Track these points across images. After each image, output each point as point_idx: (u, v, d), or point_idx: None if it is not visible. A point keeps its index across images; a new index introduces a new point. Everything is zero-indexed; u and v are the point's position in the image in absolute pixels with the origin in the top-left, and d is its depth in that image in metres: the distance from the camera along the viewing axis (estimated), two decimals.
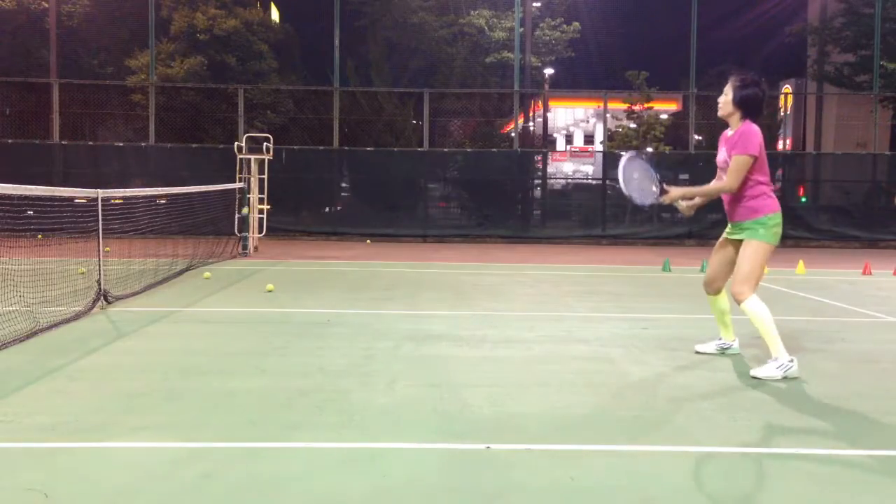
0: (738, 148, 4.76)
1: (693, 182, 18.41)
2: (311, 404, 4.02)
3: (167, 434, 3.52)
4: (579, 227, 18.55)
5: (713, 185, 5.03)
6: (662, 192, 5.01)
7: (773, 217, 4.81)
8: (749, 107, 4.83)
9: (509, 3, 20.36)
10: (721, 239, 5.19)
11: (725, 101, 4.90)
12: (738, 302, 4.83)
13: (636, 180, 5.10)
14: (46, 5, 19.21)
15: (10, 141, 17.83)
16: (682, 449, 3.44)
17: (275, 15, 26.66)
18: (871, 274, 11.19)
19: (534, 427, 3.71)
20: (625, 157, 5.14)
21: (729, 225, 5.08)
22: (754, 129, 4.79)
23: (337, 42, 18.44)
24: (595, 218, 18.65)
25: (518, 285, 9.41)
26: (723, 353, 5.41)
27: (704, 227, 17.91)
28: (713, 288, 5.24)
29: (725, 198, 4.99)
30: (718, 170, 5.05)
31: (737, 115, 4.87)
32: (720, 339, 5.45)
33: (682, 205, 5.19)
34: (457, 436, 3.56)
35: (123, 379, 4.50)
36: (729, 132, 4.95)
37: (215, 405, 3.99)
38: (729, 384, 4.64)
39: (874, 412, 4.07)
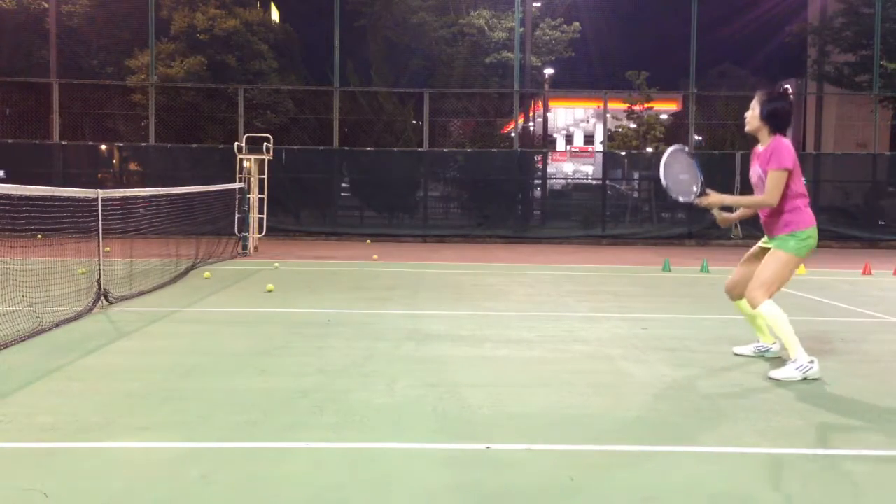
0: (773, 163, 4.71)
1: None
2: (311, 404, 4.02)
3: (167, 434, 3.52)
4: (579, 227, 18.52)
5: (754, 196, 4.90)
6: (702, 193, 4.95)
7: (806, 231, 4.76)
8: (777, 121, 4.81)
9: (509, 3, 20.33)
10: (755, 247, 5.11)
11: (752, 115, 4.86)
12: (752, 306, 4.80)
13: (675, 172, 5.04)
14: (46, 5, 19.17)
15: (10, 141, 17.81)
16: (682, 449, 3.45)
17: (275, 15, 26.64)
18: (871, 274, 11.19)
19: (534, 427, 3.71)
20: (669, 149, 5.09)
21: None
22: (785, 143, 4.75)
23: (337, 42, 18.42)
24: (595, 218, 18.62)
25: (518, 285, 9.40)
26: (762, 357, 5.30)
27: (704, 227, 17.87)
28: (734, 294, 5.20)
29: (762, 213, 4.93)
30: (753, 187, 4.97)
31: (765, 130, 4.84)
32: (758, 342, 5.38)
33: (719, 215, 5.14)
34: (457, 436, 3.56)
35: (123, 379, 4.50)
36: (759, 147, 4.91)
37: (215, 405, 3.99)
38: (728, 384, 4.64)
39: (875, 412, 4.07)
